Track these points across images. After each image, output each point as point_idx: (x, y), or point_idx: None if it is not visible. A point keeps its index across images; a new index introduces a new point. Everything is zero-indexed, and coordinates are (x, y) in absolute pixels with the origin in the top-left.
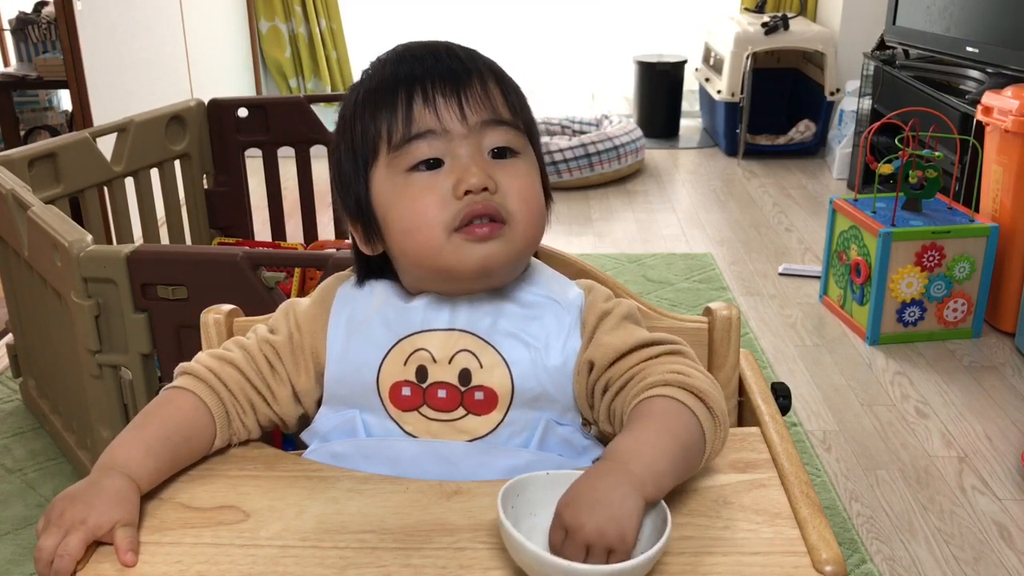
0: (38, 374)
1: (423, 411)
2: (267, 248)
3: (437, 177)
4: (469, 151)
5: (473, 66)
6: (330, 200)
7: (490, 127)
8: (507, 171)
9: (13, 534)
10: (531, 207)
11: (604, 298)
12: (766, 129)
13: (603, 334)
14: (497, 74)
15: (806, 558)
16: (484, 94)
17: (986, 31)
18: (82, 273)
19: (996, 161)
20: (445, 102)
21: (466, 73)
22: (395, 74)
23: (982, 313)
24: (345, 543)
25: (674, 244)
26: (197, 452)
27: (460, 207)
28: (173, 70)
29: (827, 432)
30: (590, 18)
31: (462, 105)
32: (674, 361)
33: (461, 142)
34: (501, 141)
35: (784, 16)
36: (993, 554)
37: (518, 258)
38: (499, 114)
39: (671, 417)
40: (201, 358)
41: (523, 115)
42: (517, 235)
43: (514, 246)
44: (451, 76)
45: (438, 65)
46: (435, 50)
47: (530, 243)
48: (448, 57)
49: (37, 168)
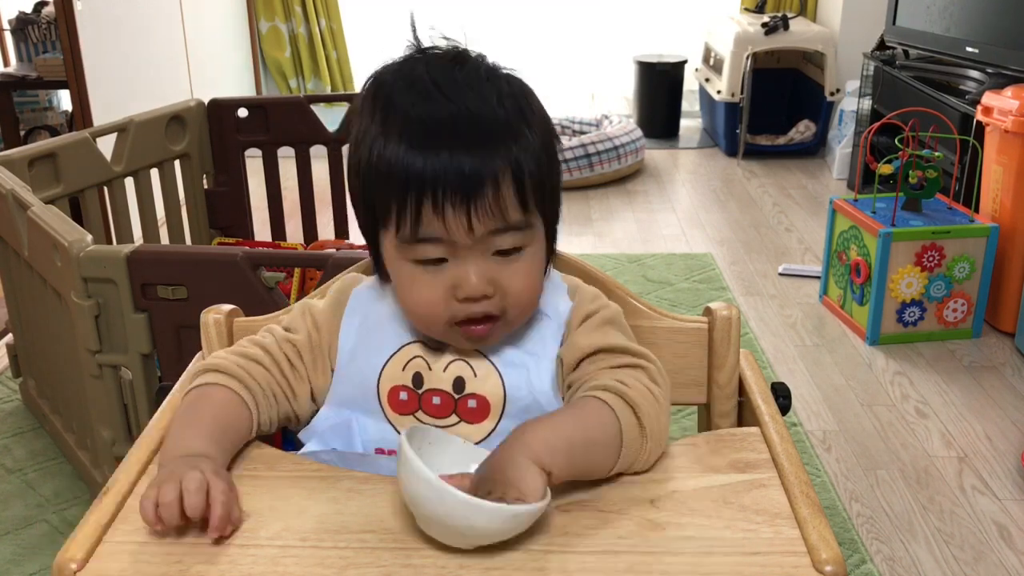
0: (38, 374)
1: (418, 416)
2: (267, 248)
3: (440, 275)
4: (473, 257)
5: (489, 162)
6: (330, 200)
7: (498, 235)
8: (509, 270)
9: (13, 534)
10: (526, 300)
11: (590, 299)
12: (766, 129)
13: (578, 335)
14: (515, 159)
15: (806, 558)
16: (495, 202)
17: (986, 31)
18: (82, 273)
19: (996, 161)
20: (454, 213)
21: (479, 179)
22: (414, 143)
23: (982, 313)
24: (345, 543)
25: (674, 244)
26: (242, 443)
27: (459, 308)
28: (173, 70)
29: (827, 432)
30: (590, 18)
31: (471, 218)
32: (629, 374)
33: (466, 249)
34: (507, 245)
35: (784, 16)
36: (993, 554)
37: (515, 327)
38: (508, 220)
39: (588, 412)
40: (225, 355)
41: (537, 192)
42: (510, 321)
43: (507, 329)
44: (462, 184)
45: (452, 161)
46: (457, 124)
47: (523, 319)
48: (467, 142)
49: (37, 168)
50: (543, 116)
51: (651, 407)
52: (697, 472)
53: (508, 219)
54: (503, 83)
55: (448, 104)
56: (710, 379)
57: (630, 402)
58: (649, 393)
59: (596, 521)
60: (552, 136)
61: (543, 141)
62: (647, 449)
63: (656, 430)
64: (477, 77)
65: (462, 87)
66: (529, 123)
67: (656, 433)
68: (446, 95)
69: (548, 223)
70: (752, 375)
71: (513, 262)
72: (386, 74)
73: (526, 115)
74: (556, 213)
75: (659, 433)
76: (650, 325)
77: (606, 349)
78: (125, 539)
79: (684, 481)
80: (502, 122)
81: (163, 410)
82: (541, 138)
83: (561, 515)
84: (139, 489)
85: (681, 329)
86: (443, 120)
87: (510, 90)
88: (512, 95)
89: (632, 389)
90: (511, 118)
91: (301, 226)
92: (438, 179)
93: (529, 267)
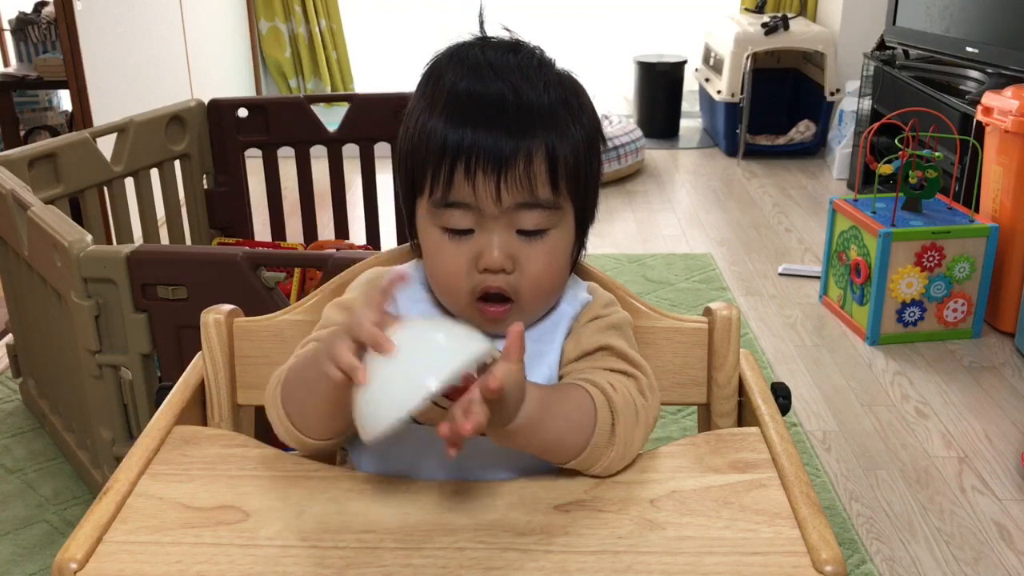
0: (38, 374)
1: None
2: (267, 248)
3: (466, 245)
4: (498, 228)
5: (525, 139)
6: (330, 200)
7: (524, 209)
8: (531, 251)
9: (13, 534)
10: (544, 286)
11: (603, 303)
12: (766, 129)
13: (584, 332)
14: (552, 142)
15: (806, 558)
16: (525, 175)
17: (986, 31)
18: (82, 273)
19: (996, 161)
20: (484, 180)
21: (513, 151)
22: (455, 114)
23: (982, 313)
24: (345, 543)
25: (674, 244)
26: None
27: (479, 280)
28: (173, 70)
29: (827, 432)
30: (590, 18)
31: (499, 187)
32: (620, 379)
33: (492, 220)
34: (531, 224)
35: (784, 16)
36: (993, 554)
37: (532, 317)
38: (536, 196)
39: (573, 396)
40: (287, 364)
41: (571, 178)
42: (525, 309)
43: (523, 315)
44: (495, 153)
45: (490, 133)
46: (500, 100)
47: (542, 308)
48: (507, 118)
49: (37, 168)
50: (591, 112)
51: (630, 416)
52: (697, 472)
53: (537, 195)
54: (553, 73)
55: (495, 82)
56: (710, 379)
57: (612, 405)
58: (633, 403)
59: (596, 521)
60: (596, 132)
61: (586, 134)
62: (610, 456)
63: (627, 440)
64: (529, 64)
65: (512, 69)
66: (573, 113)
67: (626, 443)
68: (496, 73)
69: (579, 216)
70: (752, 375)
71: (536, 243)
72: (442, 55)
73: (571, 105)
74: (589, 208)
75: (629, 444)
76: (650, 325)
77: (606, 348)
78: (125, 539)
79: (684, 481)
80: (545, 106)
81: (163, 410)
82: (585, 131)
83: (561, 515)
84: (139, 489)
85: (681, 329)
86: (487, 95)
87: (559, 80)
88: (560, 84)
89: (618, 395)
90: (555, 104)
91: (301, 226)
92: (473, 146)
93: (552, 251)
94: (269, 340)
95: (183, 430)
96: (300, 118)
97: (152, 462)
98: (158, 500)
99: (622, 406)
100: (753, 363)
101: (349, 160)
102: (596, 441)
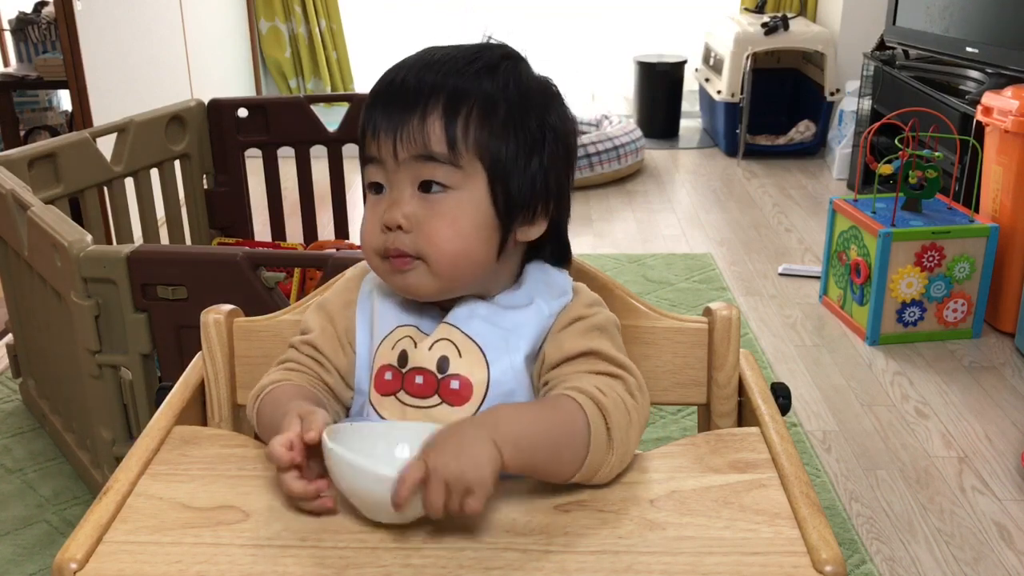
0: (38, 374)
1: (400, 396)
2: (267, 248)
3: (378, 203)
4: (399, 184)
5: (424, 96)
6: (330, 200)
7: (420, 162)
8: (431, 208)
9: (13, 534)
10: (447, 249)
11: (586, 303)
12: (766, 129)
13: (565, 335)
14: (451, 104)
15: (806, 558)
16: (420, 129)
17: (986, 31)
18: (82, 273)
19: (996, 161)
20: (384, 134)
21: (411, 106)
22: (377, 89)
23: (982, 313)
24: (345, 543)
25: (674, 244)
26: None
27: (385, 240)
28: (173, 70)
29: (827, 432)
30: (590, 18)
31: (395, 140)
32: (606, 382)
33: (395, 174)
34: (427, 176)
35: (784, 16)
36: (993, 554)
37: (449, 286)
38: (430, 150)
39: (561, 412)
40: (266, 376)
41: (478, 146)
42: (435, 270)
43: (436, 279)
44: (396, 108)
45: (398, 94)
46: (419, 68)
47: (458, 275)
48: (416, 80)
49: (37, 168)
50: (541, 104)
51: (623, 419)
52: (697, 472)
53: (429, 148)
54: (512, 73)
55: (425, 55)
56: (710, 379)
57: (604, 411)
58: (623, 404)
59: (596, 521)
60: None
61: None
62: (611, 462)
63: (623, 442)
64: (468, 56)
65: (445, 62)
66: (510, 98)
67: (623, 446)
68: (426, 65)
69: (494, 186)
70: (752, 375)
71: (436, 204)
72: None
73: (509, 91)
74: (518, 187)
75: (626, 446)
76: (650, 325)
77: (590, 353)
78: (125, 539)
79: (684, 481)
80: (463, 79)
81: (163, 410)
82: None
83: (561, 515)
84: (139, 489)
85: (681, 329)
86: (420, 59)
87: (515, 80)
88: (517, 86)
89: (608, 398)
90: (480, 82)
91: (301, 226)
92: (383, 103)
93: (455, 214)
94: (269, 340)
95: (183, 430)
96: (300, 118)
97: (152, 462)
98: (158, 500)
99: (613, 409)
100: (753, 363)
101: (349, 160)
102: (594, 449)
